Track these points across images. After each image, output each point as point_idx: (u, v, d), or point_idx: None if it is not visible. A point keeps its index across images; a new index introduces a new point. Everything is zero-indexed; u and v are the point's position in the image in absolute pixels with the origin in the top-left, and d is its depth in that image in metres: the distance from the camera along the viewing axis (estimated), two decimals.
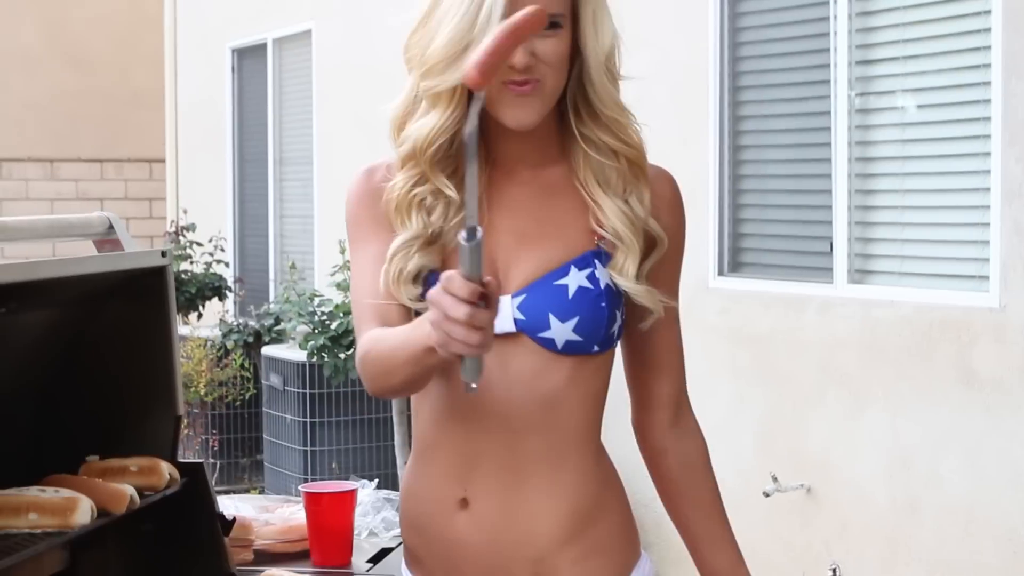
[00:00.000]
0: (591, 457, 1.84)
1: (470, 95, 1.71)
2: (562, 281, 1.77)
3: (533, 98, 1.74)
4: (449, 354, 1.54)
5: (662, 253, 1.84)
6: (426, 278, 1.77)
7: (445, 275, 1.51)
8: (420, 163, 1.78)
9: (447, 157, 1.79)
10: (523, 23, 1.51)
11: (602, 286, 1.78)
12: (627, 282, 1.79)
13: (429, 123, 1.76)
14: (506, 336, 1.74)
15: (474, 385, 1.56)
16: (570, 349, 1.77)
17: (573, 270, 1.78)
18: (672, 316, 1.88)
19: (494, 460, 1.79)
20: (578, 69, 1.79)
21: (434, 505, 1.82)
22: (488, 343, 1.52)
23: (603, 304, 1.78)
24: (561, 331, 1.76)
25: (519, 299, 1.77)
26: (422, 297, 1.74)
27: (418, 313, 1.73)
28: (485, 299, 1.50)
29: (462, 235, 1.49)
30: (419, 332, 1.62)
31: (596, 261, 1.79)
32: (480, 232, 1.48)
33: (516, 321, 1.76)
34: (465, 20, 1.70)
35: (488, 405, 1.77)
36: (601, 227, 1.81)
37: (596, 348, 1.79)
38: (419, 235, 1.77)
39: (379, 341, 1.72)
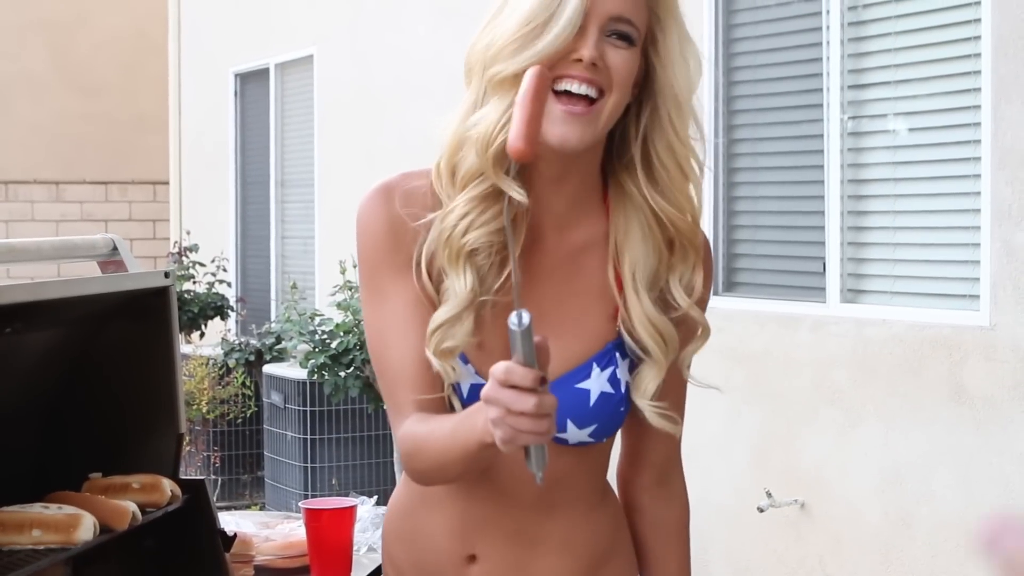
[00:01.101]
0: (599, 507, 1.77)
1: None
2: (584, 385, 1.64)
3: (585, 120, 1.56)
4: (514, 449, 1.41)
5: (703, 343, 1.68)
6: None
7: (501, 368, 1.36)
8: (483, 164, 1.57)
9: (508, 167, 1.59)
10: (537, 82, 1.40)
11: (623, 388, 1.66)
12: (644, 402, 1.65)
13: (494, 114, 1.57)
14: None
15: (541, 474, 1.44)
16: (582, 444, 1.67)
17: (595, 370, 1.64)
18: (681, 379, 1.74)
19: (500, 526, 1.71)
20: (641, 105, 1.63)
21: (441, 556, 1.74)
22: (554, 426, 1.40)
23: (622, 409, 1.67)
24: (576, 434, 1.65)
25: None
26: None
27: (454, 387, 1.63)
28: (543, 382, 1.38)
29: (512, 320, 1.36)
30: (469, 429, 1.49)
31: (617, 355, 1.65)
32: (529, 316, 1.35)
33: None
34: (536, 2, 1.55)
35: (493, 477, 1.68)
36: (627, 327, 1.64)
37: (604, 440, 1.70)
38: (467, 305, 1.59)
39: (426, 441, 1.58)
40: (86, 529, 2.00)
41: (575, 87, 1.55)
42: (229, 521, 2.65)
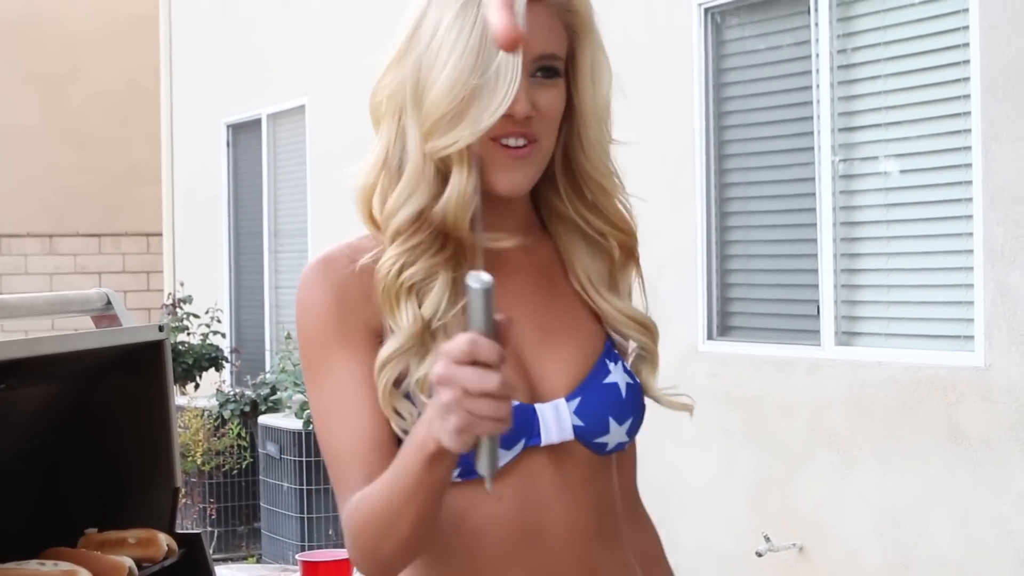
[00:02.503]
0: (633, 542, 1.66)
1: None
2: (610, 379, 1.54)
3: (529, 160, 1.48)
4: (467, 444, 1.25)
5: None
6: (406, 394, 1.47)
7: (463, 340, 1.21)
8: (459, 229, 1.47)
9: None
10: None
11: (637, 380, 1.57)
12: (656, 392, 1.58)
13: (455, 190, 1.46)
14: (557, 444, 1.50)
15: (492, 478, 1.27)
16: (614, 450, 1.56)
17: (611, 366, 1.55)
18: None
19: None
20: (566, 129, 1.54)
21: None
22: (511, 415, 1.24)
23: (643, 400, 1.58)
24: (616, 433, 1.53)
25: (575, 402, 1.51)
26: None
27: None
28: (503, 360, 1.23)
29: (470, 279, 1.20)
30: (413, 449, 1.34)
31: (616, 352, 1.58)
32: (490, 276, 1.20)
33: (575, 428, 1.51)
34: (467, 57, 1.43)
35: (556, 516, 1.52)
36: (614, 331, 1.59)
37: (631, 442, 1.60)
38: (413, 334, 1.46)
39: (366, 501, 1.42)
40: None
41: (512, 141, 1.47)
42: (226, 574, 2.64)
